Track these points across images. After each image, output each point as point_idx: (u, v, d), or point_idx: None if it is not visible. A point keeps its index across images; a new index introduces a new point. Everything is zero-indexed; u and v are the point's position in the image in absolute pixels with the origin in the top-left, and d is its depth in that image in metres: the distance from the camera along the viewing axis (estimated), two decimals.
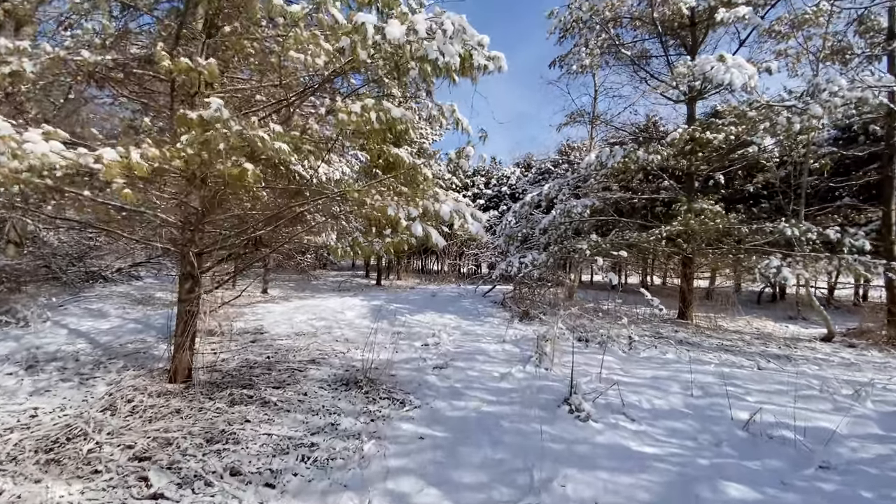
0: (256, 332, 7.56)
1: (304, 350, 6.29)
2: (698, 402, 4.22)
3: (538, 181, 21.58)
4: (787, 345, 7.69)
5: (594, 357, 6.00)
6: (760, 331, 9.09)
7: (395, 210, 3.18)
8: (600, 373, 4.91)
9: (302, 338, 7.11)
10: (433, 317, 9.12)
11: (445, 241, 3.54)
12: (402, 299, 12.31)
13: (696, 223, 7.12)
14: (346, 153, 16.13)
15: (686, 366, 5.67)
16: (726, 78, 5.80)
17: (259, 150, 2.70)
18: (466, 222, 3.48)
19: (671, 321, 9.67)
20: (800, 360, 6.46)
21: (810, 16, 9.83)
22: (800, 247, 7.75)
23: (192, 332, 4.79)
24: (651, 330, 8.54)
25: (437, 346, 6.43)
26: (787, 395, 4.50)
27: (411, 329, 7.74)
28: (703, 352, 6.79)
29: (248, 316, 9.22)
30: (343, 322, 8.35)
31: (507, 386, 4.64)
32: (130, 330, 7.02)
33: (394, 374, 5.01)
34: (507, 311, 10.23)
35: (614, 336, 7.36)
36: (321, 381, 4.80)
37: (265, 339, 7.07)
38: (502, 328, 8.01)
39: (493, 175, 27.85)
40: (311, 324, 8.24)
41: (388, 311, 9.57)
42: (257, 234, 4.90)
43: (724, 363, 5.99)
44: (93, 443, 3.32)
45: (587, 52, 9.28)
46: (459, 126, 5.51)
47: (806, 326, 9.58)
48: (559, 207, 8.90)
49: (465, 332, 7.52)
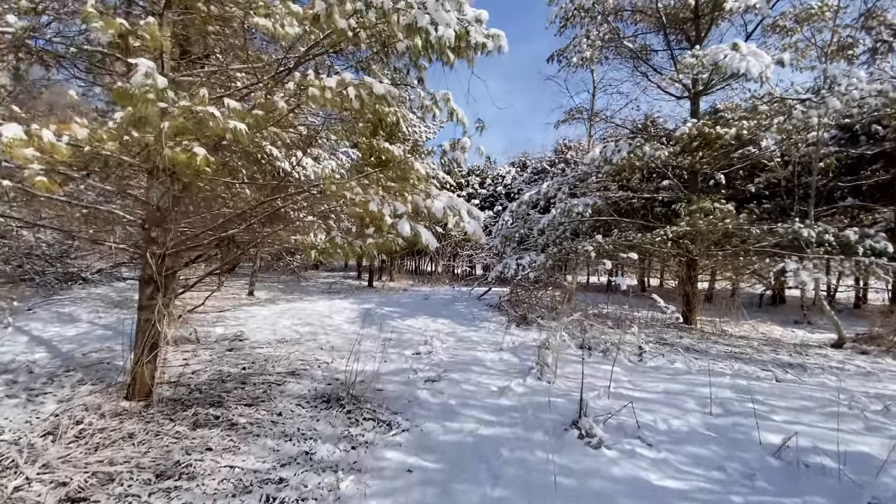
0: (235, 339, 7.05)
1: (285, 360, 5.79)
2: (720, 423, 3.79)
3: (534, 181, 21.18)
4: (797, 351, 7.32)
5: (598, 367, 5.57)
6: (767, 336, 8.73)
7: (378, 205, 2.71)
8: (609, 387, 4.46)
9: (284, 345, 6.62)
10: (426, 322, 8.64)
11: (438, 242, 3.08)
12: (394, 302, 11.82)
13: (705, 223, 6.72)
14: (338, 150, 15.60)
15: (697, 377, 5.25)
16: (742, 66, 5.39)
17: (212, 131, 2.22)
18: (462, 221, 3.03)
19: (674, 326, 9.28)
20: (815, 370, 6.08)
21: (816, 11, 9.51)
22: (810, 248, 7.40)
23: (154, 343, 4.28)
24: (655, 336, 8.13)
25: (430, 354, 5.96)
26: (814, 413, 4.09)
27: (402, 335, 7.26)
28: (712, 360, 6.38)
29: (230, 320, 8.69)
30: (330, 327, 7.85)
31: (506, 403, 4.18)
32: (98, 337, 6.48)
33: (381, 389, 4.54)
34: (504, 315, 9.78)
35: (617, 343, 6.94)
36: (299, 398, 4.31)
37: (244, 346, 6.56)
38: (499, 334, 7.56)
39: (488, 175, 27.43)
40: (296, 329, 7.73)
41: (378, 316, 9.08)
42: (230, 234, 4.40)
43: (738, 374, 5.58)
44: (22, 478, 2.82)
45: (588, 44, 8.87)
46: (454, 117, 5.05)
47: (813, 331, 9.24)
48: (559, 207, 8.46)
49: (459, 339, 7.06)
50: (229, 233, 4.39)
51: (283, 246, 5.25)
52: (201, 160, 2.21)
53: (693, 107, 9.12)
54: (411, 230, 2.71)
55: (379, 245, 2.77)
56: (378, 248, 2.79)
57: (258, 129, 2.46)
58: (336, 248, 2.75)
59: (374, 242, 2.71)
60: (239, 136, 2.27)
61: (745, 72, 5.35)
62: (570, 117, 12.20)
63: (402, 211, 2.76)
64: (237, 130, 2.23)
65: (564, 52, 10.34)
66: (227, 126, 2.18)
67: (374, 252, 2.77)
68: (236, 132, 2.26)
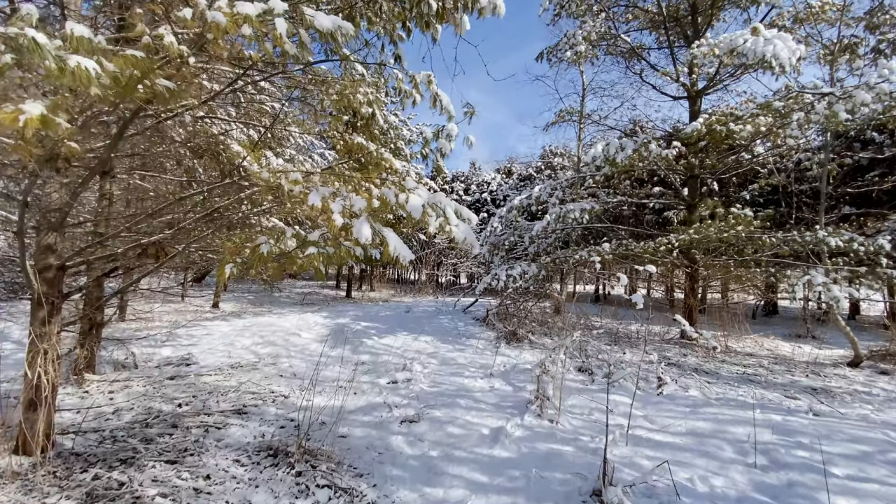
0: (181, 364, 6.03)
1: (234, 392, 4.83)
2: (772, 481, 3.01)
3: (520, 187, 20.54)
4: (814, 372, 6.67)
5: (604, 398, 4.76)
6: (775, 353, 8.10)
7: (321, 199, 1.85)
8: (626, 428, 3.65)
9: (237, 372, 5.64)
10: (406, 340, 7.74)
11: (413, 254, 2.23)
12: (372, 316, 10.86)
13: (715, 230, 6.06)
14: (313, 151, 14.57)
15: (722, 410, 4.50)
16: (768, 51, 4.74)
17: (48, 73, 1.35)
18: (448, 223, 2.21)
19: (675, 342, 8.59)
20: (844, 396, 5.41)
21: (817, 9, 9.09)
22: (821, 259, 6.83)
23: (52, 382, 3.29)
24: (657, 354, 7.40)
25: (409, 383, 5.07)
26: (878, 463, 3.35)
27: (378, 358, 6.34)
28: (727, 385, 5.67)
29: (182, 339, 7.63)
30: (295, 348, 6.88)
31: (502, 454, 3.32)
32: (16, 363, 5.38)
33: (345, 436, 3.63)
34: (492, 329, 8.95)
35: (622, 365, 6.19)
36: (240, 449, 3.37)
37: (189, 373, 5.56)
38: (488, 354, 6.71)
39: (473, 181, 26.75)
40: (255, 350, 6.74)
41: (353, 333, 8.13)
42: (154, 240, 3.46)
43: (765, 404, 4.85)
44: None
45: (584, 36, 8.22)
46: (438, 103, 4.24)
47: (820, 346, 8.68)
48: (553, 212, 7.72)
49: (443, 362, 6.18)
50: (152, 239, 3.44)
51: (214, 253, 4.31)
52: (34, 121, 1.33)
53: (692, 107, 8.54)
54: (374, 235, 1.87)
55: (327, 257, 1.93)
56: (327, 259, 1.94)
57: (137, 80, 1.60)
58: (261, 261, 1.90)
59: (317, 254, 1.86)
60: (92, 82, 1.39)
61: (770, 58, 4.69)
62: (560, 119, 11.56)
63: (360, 207, 1.92)
64: (85, 73, 1.36)
65: (555, 48, 9.69)
66: (64, 63, 1.31)
67: (320, 265, 1.92)
68: (87, 77, 1.38)
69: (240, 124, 5.01)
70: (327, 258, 1.98)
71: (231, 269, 1.92)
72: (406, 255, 1.97)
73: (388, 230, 1.94)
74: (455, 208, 2.35)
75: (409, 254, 2.00)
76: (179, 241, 3.56)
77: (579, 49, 8.22)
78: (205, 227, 3.72)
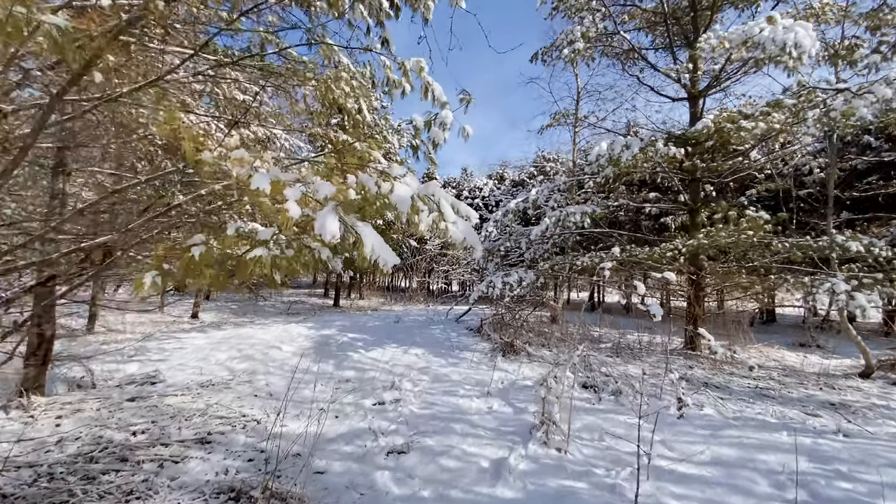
0: (146, 382, 5.47)
1: (200, 416, 4.29)
2: None
3: (513, 193, 20.20)
4: (826, 384, 6.31)
5: (616, 419, 4.32)
6: (782, 364, 7.74)
7: (266, 181, 1.39)
8: (648, 461, 3.19)
9: (206, 392, 5.09)
10: (395, 353, 7.23)
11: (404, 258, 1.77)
12: (360, 326, 10.32)
13: (726, 234, 5.70)
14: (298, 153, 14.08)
15: (744, 432, 4.08)
16: (789, 38, 4.41)
17: None
18: (444, 219, 1.77)
19: (678, 352, 8.20)
20: (865, 412, 5.03)
21: (816, 10, 8.89)
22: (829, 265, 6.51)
23: None
24: (662, 366, 6.99)
25: (397, 404, 4.57)
26: None
27: (364, 374, 5.83)
28: (742, 401, 5.26)
29: (153, 353, 7.05)
30: (274, 363, 6.34)
31: (506, 494, 2.84)
32: None
33: (322, 472, 3.12)
34: (487, 341, 8.48)
35: (620, 378, 5.75)
36: (196, 492, 2.85)
37: (153, 394, 5.01)
38: (483, 369, 6.23)
39: (465, 187, 26.39)
40: (231, 366, 6.19)
41: (338, 346, 7.60)
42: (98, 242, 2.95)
43: (786, 422, 4.44)
44: None
45: (582, 32, 7.88)
46: (429, 93, 3.81)
47: (827, 356, 8.35)
48: (553, 215, 7.29)
49: (435, 378, 5.68)
50: (97, 241, 2.93)
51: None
52: None
53: (693, 108, 8.24)
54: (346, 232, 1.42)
55: (287, 261, 1.47)
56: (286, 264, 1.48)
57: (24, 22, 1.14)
58: (192, 268, 1.43)
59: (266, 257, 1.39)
60: None
61: (791, 46, 4.37)
62: (555, 121, 11.22)
63: (326, 194, 1.46)
64: None
65: (551, 48, 9.37)
66: None
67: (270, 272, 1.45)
68: None
69: (209, 117, 4.52)
70: (287, 263, 1.51)
71: (154, 280, 1.45)
72: (388, 259, 1.51)
73: (366, 226, 1.48)
74: (451, 202, 1.91)
75: (393, 257, 1.54)
76: (129, 244, 3.05)
77: (577, 46, 7.87)
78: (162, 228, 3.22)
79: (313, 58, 4.98)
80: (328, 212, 1.39)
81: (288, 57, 4.10)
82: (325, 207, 1.42)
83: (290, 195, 1.40)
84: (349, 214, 1.47)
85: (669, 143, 5.96)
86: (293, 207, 1.37)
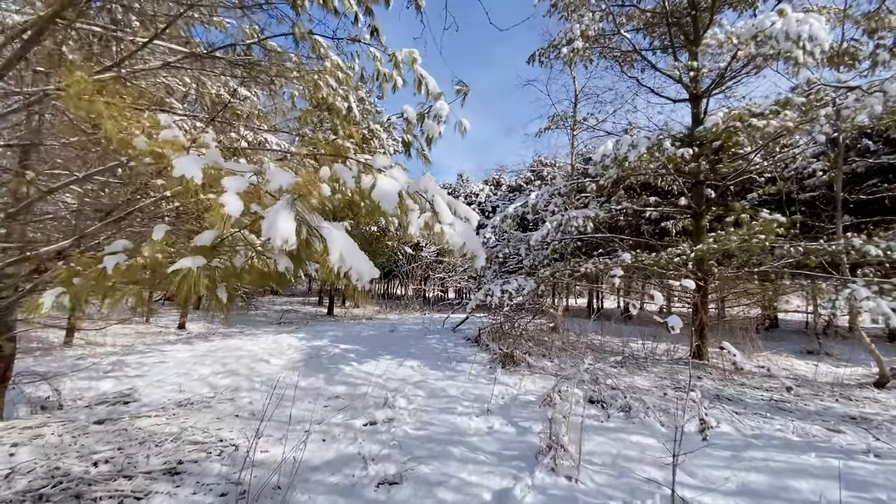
0: (119, 401, 5.08)
1: (173, 441, 3.91)
2: None
3: (509, 198, 19.94)
4: (842, 395, 6.01)
5: (627, 439, 3.98)
6: (793, 373, 7.45)
7: (198, 167, 1.05)
8: (672, 495, 2.85)
9: (183, 412, 4.71)
10: (389, 365, 6.86)
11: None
12: (353, 336, 9.94)
13: (737, 239, 5.41)
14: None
15: (768, 454, 3.75)
16: (804, 31, 4.17)
17: None
18: (439, 220, 1.46)
19: (685, 361, 7.88)
20: (886, 426, 4.73)
21: (815, 10, 8.73)
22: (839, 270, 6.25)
23: None
24: (669, 377, 6.67)
25: (391, 424, 4.21)
26: None
27: (355, 389, 5.46)
28: (758, 416, 4.94)
29: (131, 367, 6.64)
30: (259, 378, 5.95)
31: None
32: None
33: None
34: (485, 351, 8.13)
35: (627, 391, 5.41)
36: None
37: (125, 415, 4.62)
38: (482, 382, 5.88)
39: (461, 192, 26.13)
40: (213, 382, 5.80)
41: (329, 358, 7.23)
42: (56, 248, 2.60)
43: (810, 441, 4.12)
44: None
45: (582, 29, 7.63)
46: (422, 87, 3.51)
47: (837, 364, 8.07)
48: (554, 219, 6.98)
49: (431, 394, 5.32)
50: (48, 249, 2.59)
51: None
52: None
53: (695, 109, 8.00)
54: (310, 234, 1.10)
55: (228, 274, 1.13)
56: (227, 280, 1.15)
57: None
58: (102, 288, 1.09)
59: (195, 270, 1.06)
60: None
61: (806, 38, 4.12)
62: (553, 124, 10.98)
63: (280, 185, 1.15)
64: None
65: (549, 48, 9.13)
66: None
67: (206, 287, 1.11)
68: None
69: (188, 116, 4.19)
70: (227, 276, 1.18)
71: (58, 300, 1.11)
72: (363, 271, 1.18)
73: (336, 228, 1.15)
74: (448, 200, 1.59)
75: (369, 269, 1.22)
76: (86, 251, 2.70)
77: (577, 45, 7.63)
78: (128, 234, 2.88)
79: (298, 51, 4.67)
80: (281, 208, 1.06)
81: (267, 47, 3.79)
82: (278, 202, 1.09)
83: (231, 186, 1.07)
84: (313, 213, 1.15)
85: (676, 143, 5.69)
86: (231, 202, 1.03)
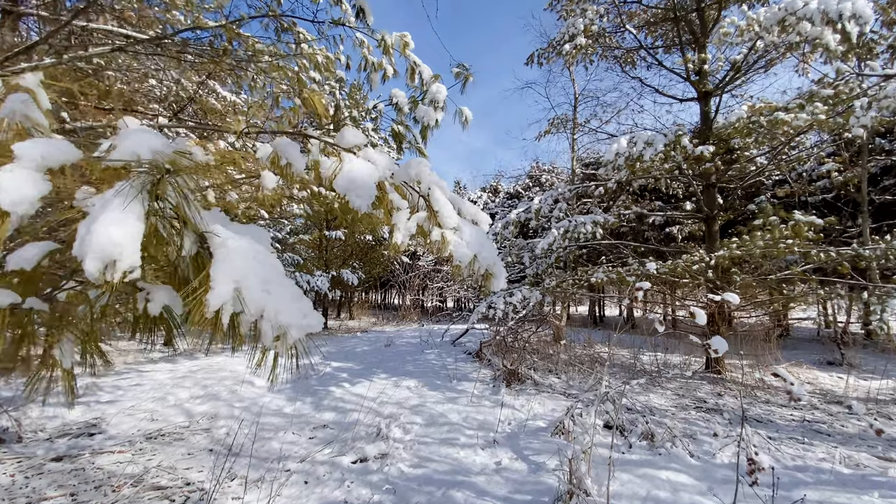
0: (83, 433, 4.55)
1: (133, 485, 3.37)
2: None
3: (508, 205, 19.53)
4: (880, 413, 5.51)
5: (653, 476, 3.47)
6: (818, 387, 6.94)
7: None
8: None
9: (152, 446, 4.17)
10: (384, 385, 6.33)
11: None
12: (347, 352, 9.40)
13: (763, 244, 4.96)
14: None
15: (819, 492, 3.24)
16: (845, 8, 3.74)
17: None
18: (440, 223, 1.02)
19: (700, 375, 7.38)
20: None
21: None
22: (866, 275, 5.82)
23: None
24: (687, 394, 6.16)
25: (383, 461, 3.68)
26: None
27: (346, 416, 4.93)
28: (795, 440, 4.44)
29: (104, 392, 6.09)
30: (241, 404, 5.42)
31: None
32: None
33: None
34: (487, 367, 7.61)
35: (646, 412, 4.91)
36: None
37: (86, 450, 4.09)
38: (486, 404, 5.36)
39: None
40: (190, 409, 5.27)
41: (319, 378, 6.70)
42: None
43: (862, 473, 3.62)
44: None
45: (585, 25, 7.23)
46: (416, 76, 3.05)
47: (862, 375, 7.57)
48: (561, 225, 6.53)
49: (430, 421, 4.79)
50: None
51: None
52: None
53: (704, 108, 7.59)
54: (189, 251, 0.65)
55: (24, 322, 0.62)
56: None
57: None
58: None
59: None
60: None
61: (850, 16, 3.71)
62: (553, 127, 10.59)
63: (134, 154, 0.67)
64: None
65: (549, 48, 8.76)
66: None
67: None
68: None
69: (155, 115, 3.73)
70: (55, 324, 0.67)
71: None
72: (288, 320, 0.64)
73: (237, 236, 0.65)
74: (451, 197, 1.13)
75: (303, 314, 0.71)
76: None
77: (579, 42, 7.24)
78: None
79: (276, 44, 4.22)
80: (114, 196, 0.59)
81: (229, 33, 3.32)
82: (109, 189, 0.62)
83: (26, 152, 0.59)
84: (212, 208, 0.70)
85: (694, 140, 5.26)
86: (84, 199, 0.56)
